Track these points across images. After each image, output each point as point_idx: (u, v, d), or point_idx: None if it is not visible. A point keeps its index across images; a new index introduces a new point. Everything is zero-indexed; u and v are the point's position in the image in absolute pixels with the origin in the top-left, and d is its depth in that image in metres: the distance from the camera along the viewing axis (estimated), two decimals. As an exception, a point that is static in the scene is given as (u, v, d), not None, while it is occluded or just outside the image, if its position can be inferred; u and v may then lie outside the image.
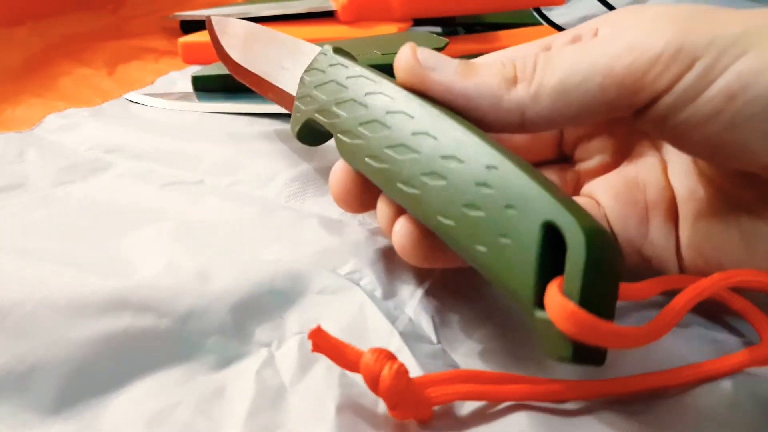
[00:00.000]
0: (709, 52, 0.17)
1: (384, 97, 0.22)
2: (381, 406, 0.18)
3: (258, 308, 0.22)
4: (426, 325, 0.22)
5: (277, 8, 0.51)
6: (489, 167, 0.18)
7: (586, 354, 0.16)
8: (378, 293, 0.23)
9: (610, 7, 0.56)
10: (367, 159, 0.22)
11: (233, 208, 0.28)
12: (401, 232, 0.21)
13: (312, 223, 0.27)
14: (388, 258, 0.25)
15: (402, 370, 0.17)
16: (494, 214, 0.18)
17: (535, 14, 0.55)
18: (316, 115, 0.25)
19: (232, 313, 0.21)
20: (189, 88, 0.42)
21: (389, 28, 0.49)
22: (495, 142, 0.19)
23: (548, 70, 0.19)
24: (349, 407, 0.18)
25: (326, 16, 0.51)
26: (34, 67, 0.47)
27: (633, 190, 0.22)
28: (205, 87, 0.41)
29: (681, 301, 0.17)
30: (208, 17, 0.38)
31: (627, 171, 0.23)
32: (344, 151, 0.23)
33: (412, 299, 0.23)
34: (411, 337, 0.21)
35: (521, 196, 0.17)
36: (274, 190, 0.30)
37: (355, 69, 0.23)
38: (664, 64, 0.18)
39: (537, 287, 0.17)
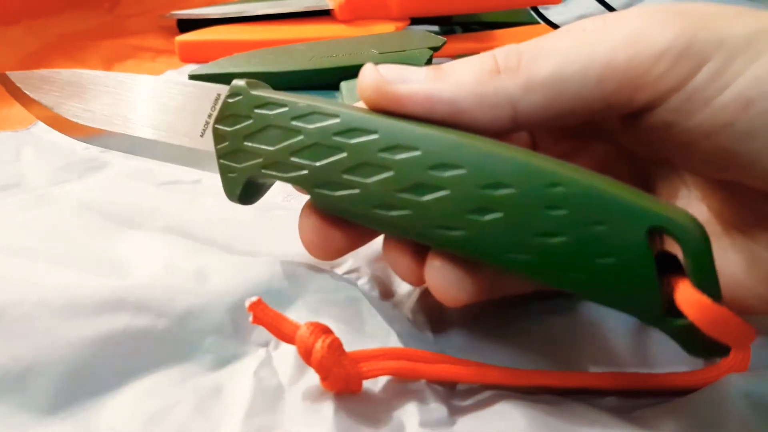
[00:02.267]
0: (719, 53, 0.16)
1: (363, 132, 0.18)
2: (379, 407, 0.18)
3: (255, 308, 0.22)
4: (423, 324, 0.22)
5: (273, 7, 0.51)
6: (552, 186, 0.16)
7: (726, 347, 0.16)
8: (375, 293, 0.23)
9: (608, 7, 0.56)
10: (375, 210, 0.18)
11: (231, 208, 0.28)
12: (441, 277, 0.19)
13: (309, 222, 0.27)
14: (386, 257, 0.25)
15: (335, 344, 0.17)
16: (579, 235, 0.16)
17: (532, 13, 0.55)
18: (264, 171, 0.20)
19: (230, 313, 0.21)
20: (186, 87, 0.42)
21: (387, 27, 0.49)
22: (531, 152, 0.17)
23: (538, 59, 0.17)
24: (346, 407, 0.18)
25: (323, 14, 0.51)
26: (30, 66, 0.47)
27: None
28: (202, 86, 0.41)
29: None
30: (3, 74, 0.28)
31: None
32: (330, 205, 0.19)
33: (409, 299, 0.23)
34: (409, 336, 0.21)
35: (607, 209, 0.16)
36: (271, 189, 0.30)
37: (300, 106, 0.19)
38: (670, 61, 0.16)
39: (661, 296, 0.16)
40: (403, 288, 0.23)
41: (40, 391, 0.18)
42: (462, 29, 0.55)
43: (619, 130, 0.18)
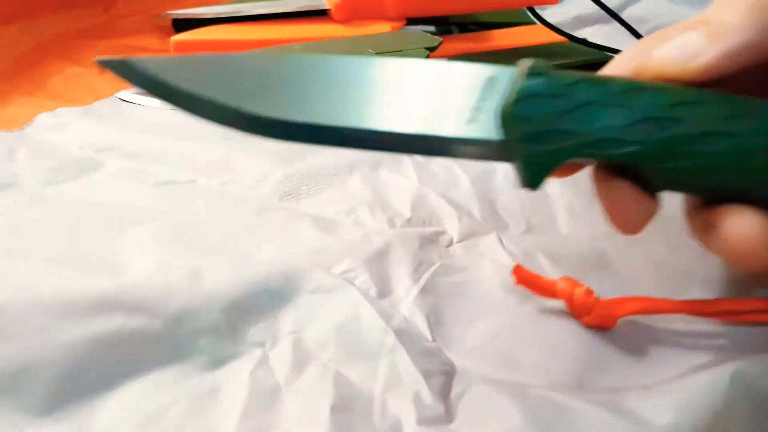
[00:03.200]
0: None
1: (696, 104, 0.19)
2: (376, 406, 0.18)
3: (251, 308, 0.21)
4: (421, 323, 0.22)
5: (269, 7, 0.51)
6: None
7: None
8: (372, 292, 0.23)
9: (604, 7, 0.57)
10: (719, 177, 0.19)
11: (226, 208, 0.28)
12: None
13: (306, 222, 0.27)
14: (383, 257, 0.25)
15: (588, 290, 0.22)
16: None
17: (529, 13, 0.55)
18: (584, 150, 0.20)
19: (226, 313, 0.21)
20: (181, 86, 0.42)
21: (383, 27, 0.49)
22: None
23: None
24: (343, 407, 0.18)
25: (319, 14, 0.51)
26: (25, 66, 0.47)
27: None
28: (197, 86, 0.41)
29: None
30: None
31: None
32: (667, 178, 0.20)
33: (406, 298, 0.23)
34: (406, 335, 0.21)
35: None
36: (267, 189, 0.30)
37: (621, 83, 0.20)
38: None
39: None
40: (400, 287, 0.23)
41: (35, 392, 0.18)
42: (459, 29, 0.55)
43: None
